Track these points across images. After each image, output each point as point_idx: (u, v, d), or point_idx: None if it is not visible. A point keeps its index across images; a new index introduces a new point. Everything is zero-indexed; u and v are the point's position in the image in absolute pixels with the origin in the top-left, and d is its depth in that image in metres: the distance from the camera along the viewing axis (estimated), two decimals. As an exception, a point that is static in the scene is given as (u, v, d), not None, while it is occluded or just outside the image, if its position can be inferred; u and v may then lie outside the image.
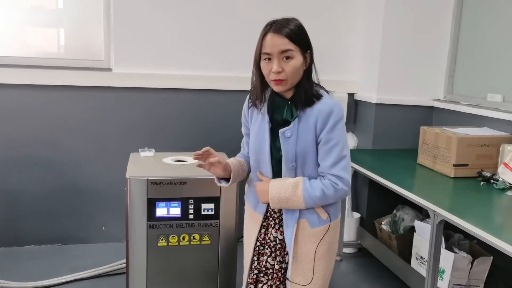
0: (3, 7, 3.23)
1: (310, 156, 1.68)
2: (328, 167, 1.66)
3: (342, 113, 1.67)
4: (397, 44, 3.38)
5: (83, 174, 3.36)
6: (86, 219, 3.43)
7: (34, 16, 3.33)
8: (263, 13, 3.38)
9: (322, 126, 1.63)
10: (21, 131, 3.22)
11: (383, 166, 3.00)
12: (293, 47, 1.58)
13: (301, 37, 1.62)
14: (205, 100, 3.45)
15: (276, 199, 1.68)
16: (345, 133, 1.69)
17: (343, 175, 1.66)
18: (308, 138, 1.66)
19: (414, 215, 3.14)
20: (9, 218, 3.30)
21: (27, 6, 3.30)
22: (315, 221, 1.74)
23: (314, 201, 1.67)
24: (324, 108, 1.64)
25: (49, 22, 3.39)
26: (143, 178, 2.29)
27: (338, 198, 1.72)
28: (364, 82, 3.56)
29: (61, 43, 3.45)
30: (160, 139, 3.37)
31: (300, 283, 1.77)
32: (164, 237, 2.35)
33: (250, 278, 1.86)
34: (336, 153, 1.65)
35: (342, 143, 1.66)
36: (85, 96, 3.27)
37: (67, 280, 2.92)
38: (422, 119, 3.47)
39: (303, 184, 1.66)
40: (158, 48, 3.31)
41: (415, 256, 2.85)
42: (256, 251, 1.85)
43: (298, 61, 1.60)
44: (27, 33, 3.35)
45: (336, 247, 1.87)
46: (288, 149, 1.67)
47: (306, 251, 1.75)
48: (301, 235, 1.74)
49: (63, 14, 3.39)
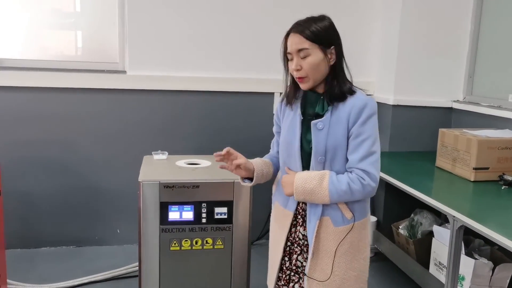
0: (22, 10, 3.26)
1: (340, 151, 1.66)
2: (356, 161, 1.63)
3: (376, 109, 1.65)
4: (414, 44, 3.31)
5: (98, 176, 3.37)
6: (101, 221, 3.44)
7: (52, 19, 3.36)
8: (275, 16, 3.38)
9: (355, 120, 1.62)
10: (38, 133, 3.25)
11: (400, 169, 2.94)
12: (308, 45, 1.61)
13: (319, 34, 1.62)
14: (219, 102, 3.44)
15: (300, 189, 1.66)
16: (377, 129, 1.66)
17: (371, 170, 1.62)
18: (339, 132, 1.64)
19: (432, 219, 3.07)
20: (26, 220, 3.33)
21: (46, 9, 3.33)
22: (339, 220, 1.70)
23: (339, 195, 1.63)
24: (357, 102, 1.63)
25: (66, 25, 3.42)
26: (155, 181, 2.27)
27: (365, 195, 1.66)
28: (381, 83, 3.50)
29: (78, 46, 3.48)
30: (174, 141, 3.37)
31: (317, 279, 1.74)
32: (176, 241, 2.33)
33: (283, 279, 1.83)
34: (365, 148, 1.62)
35: (373, 139, 1.63)
36: (100, 98, 3.28)
37: (82, 282, 2.93)
38: (440, 121, 3.39)
39: (330, 176, 1.64)
40: (172, 50, 3.31)
41: (434, 262, 2.78)
42: (287, 251, 1.81)
43: (316, 58, 1.62)
44: (46, 36, 3.38)
45: (363, 250, 1.77)
46: (318, 142, 1.66)
47: (327, 248, 1.71)
48: (323, 233, 1.71)
49: (80, 17, 3.42)
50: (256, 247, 3.56)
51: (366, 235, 1.78)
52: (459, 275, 2.48)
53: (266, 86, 3.44)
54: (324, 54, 1.64)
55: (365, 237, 1.78)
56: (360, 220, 1.73)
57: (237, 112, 3.47)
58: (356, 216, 1.72)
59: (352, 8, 3.48)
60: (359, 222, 1.73)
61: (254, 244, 3.60)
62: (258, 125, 3.50)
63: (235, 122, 3.48)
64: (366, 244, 1.79)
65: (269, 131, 3.44)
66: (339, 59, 1.68)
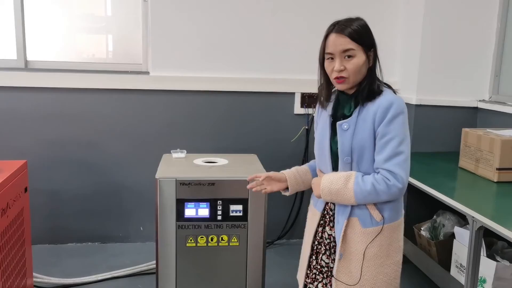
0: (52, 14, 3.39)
1: (366, 151, 1.64)
2: (381, 162, 1.60)
3: (403, 108, 1.62)
4: (438, 41, 3.24)
5: (122, 174, 3.45)
6: (124, 218, 3.52)
7: (84, 23, 3.50)
8: (296, 16, 3.38)
9: (381, 119, 1.60)
10: (65, 133, 3.35)
11: (422, 170, 2.88)
12: (354, 46, 1.62)
13: (363, 36, 1.63)
14: (239, 102, 3.47)
15: (327, 190, 1.67)
16: (405, 129, 1.62)
17: (397, 171, 1.58)
18: (366, 132, 1.63)
19: (455, 221, 3.00)
20: (54, 216, 3.45)
21: (78, 13, 3.47)
22: (367, 221, 1.67)
23: (364, 196, 1.62)
24: (384, 101, 1.61)
25: (96, 29, 3.54)
26: (172, 178, 2.32)
27: (391, 196, 1.62)
28: (403, 82, 3.44)
29: (106, 49, 3.60)
30: (195, 140, 3.42)
31: (346, 282, 1.72)
32: (192, 238, 2.36)
33: (309, 277, 1.85)
34: (391, 148, 1.59)
35: (400, 138, 1.60)
36: (124, 98, 3.37)
37: (104, 277, 3.00)
38: (465, 120, 3.31)
39: (356, 177, 1.63)
40: (193, 52, 3.36)
41: (455, 264, 2.72)
42: (314, 249, 1.83)
43: (360, 60, 1.62)
44: (77, 39, 3.52)
45: (393, 254, 1.72)
46: (343, 142, 1.66)
47: (354, 250, 1.69)
48: (351, 233, 1.69)
49: (108, 21, 3.54)
50: (276, 247, 3.57)
51: (398, 239, 1.73)
52: (481, 278, 2.42)
53: (286, 86, 3.45)
54: (366, 56, 1.64)
55: (396, 241, 1.72)
56: (391, 222, 1.69)
57: (257, 112, 3.49)
58: (386, 218, 1.68)
59: (373, 5, 3.45)
60: (389, 224, 1.69)
61: (275, 243, 3.60)
62: (278, 125, 3.51)
63: (256, 122, 3.50)
64: (397, 248, 1.73)
65: (289, 131, 3.49)
66: (375, 62, 1.68)
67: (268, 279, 2.92)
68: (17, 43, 3.26)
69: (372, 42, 1.67)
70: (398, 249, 1.75)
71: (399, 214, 1.74)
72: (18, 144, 3.30)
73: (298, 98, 3.49)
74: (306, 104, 3.49)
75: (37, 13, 3.34)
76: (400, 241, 1.75)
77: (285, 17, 3.38)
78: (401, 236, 1.76)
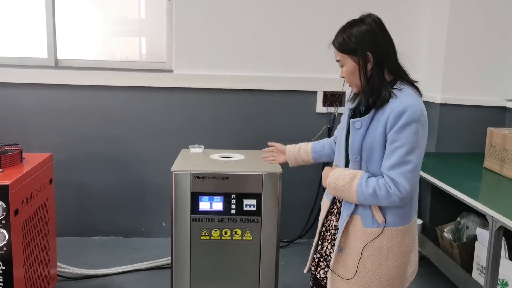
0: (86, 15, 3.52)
1: (376, 153, 1.63)
2: (387, 168, 1.60)
3: (418, 116, 1.55)
4: (464, 39, 3.16)
5: (146, 170, 3.53)
6: (148, 214, 3.60)
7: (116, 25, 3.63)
8: (322, 13, 3.37)
9: (392, 125, 1.57)
10: (92, 129, 3.46)
11: (446, 171, 2.82)
12: (340, 57, 1.67)
13: (347, 44, 1.63)
14: (262, 100, 3.48)
15: (332, 184, 1.70)
16: (417, 138, 1.56)
17: (400, 181, 1.57)
18: (377, 134, 1.61)
19: (480, 223, 2.91)
20: (80, 210, 3.56)
21: (112, 16, 3.61)
22: (369, 221, 1.67)
23: (365, 198, 1.62)
24: (398, 106, 1.57)
25: (128, 31, 3.68)
26: (187, 172, 2.35)
27: (391, 203, 1.61)
28: (429, 81, 3.37)
29: (137, 51, 3.71)
30: (217, 138, 3.46)
31: (341, 276, 1.73)
32: (206, 231, 2.39)
33: (314, 261, 1.90)
34: (398, 156, 1.56)
35: (408, 147, 1.55)
36: (148, 96, 3.45)
37: (126, 270, 3.08)
38: (493, 120, 3.21)
39: (360, 178, 1.63)
40: (216, 50, 3.40)
41: (477, 266, 2.63)
42: (321, 235, 1.89)
43: (349, 67, 1.65)
44: (112, 41, 3.66)
45: (394, 258, 1.68)
46: (354, 140, 1.67)
47: (353, 246, 1.70)
48: (352, 230, 1.71)
49: (141, 23, 3.66)
50: (296, 246, 3.56)
51: (402, 244, 1.69)
52: (502, 280, 2.35)
53: (309, 84, 3.44)
54: (356, 62, 1.63)
55: (400, 246, 1.69)
56: (394, 226, 1.67)
57: (279, 111, 3.49)
58: (388, 221, 1.66)
59: (398, 2, 3.40)
60: (392, 228, 1.67)
61: (295, 242, 3.59)
62: (300, 124, 3.51)
63: (277, 120, 3.50)
64: (400, 252, 1.69)
65: (311, 130, 3.47)
66: (378, 65, 1.62)
67: (285, 277, 2.92)
68: (48, 42, 3.40)
69: (365, 46, 1.61)
70: (402, 253, 1.70)
71: (407, 220, 1.70)
72: (48, 139, 3.43)
73: (320, 96, 3.47)
74: (328, 103, 3.47)
75: (70, 14, 3.47)
76: (403, 246, 1.70)
77: (307, 16, 3.38)
78: (407, 241, 1.71)
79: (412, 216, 1.73)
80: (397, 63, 1.68)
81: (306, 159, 2.08)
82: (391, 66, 1.66)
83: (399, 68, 1.68)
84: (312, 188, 3.53)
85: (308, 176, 3.46)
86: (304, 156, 2.07)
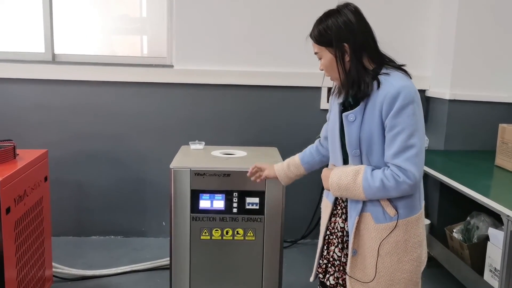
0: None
1: (376, 143, 1.55)
2: (390, 157, 1.51)
3: (413, 97, 1.49)
4: (473, 33, 3.07)
5: (145, 169, 3.44)
6: (148, 213, 3.51)
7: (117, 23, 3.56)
8: (323, 7, 3.24)
9: (387, 111, 1.49)
10: (90, 125, 3.38)
11: (456, 168, 2.73)
12: (317, 49, 1.64)
13: (323, 36, 1.61)
14: (265, 96, 3.40)
15: (335, 185, 1.59)
16: (416, 119, 1.49)
17: (407, 167, 1.48)
18: (374, 123, 1.53)
19: (491, 223, 2.81)
20: (78, 208, 3.48)
21: (114, 15, 3.55)
22: (380, 217, 1.58)
23: (373, 192, 1.53)
24: (390, 90, 1.50)
25: (129, 29, 3.60)
26: (186, 168, 2.26)
27: (401, 193, 1.53)
28: (437, 76, 3.27)
29: (138, 49, 3.65)
30: (218, 134, 3.38)
31: (360, 280, 1.63)
32: (207, 230, 2.30)
33: (321, 268, 1.79)
34: (400, 142, 1.48)
35: (409, 131, 1.48)
36: (148, 91, 3.36)
37: (124, 271, 2.99)
38: (504, 117, 3.11)
39: (364, 173, 1.54)
40: (217, 45, 3.33)
41: (489, 268, 2.53)
42: (326, 240, 1.78)
43: (326, 60, 1.61)
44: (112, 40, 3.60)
45: (411, 250, 1.61)
46: (351, 134, 1.58)
47: (369, 246, 1.61)
48: (364, 229, 1.61)
49: (142, 21, 3.61)
50: (300, 246, 3.47)
51: (416, 234, 1.62)
52: (516, 283, 2.24)
53: (312, 80, 3.34)
54: (333, 53, 1.57)
55: (415, 236, 1.61)
56: (406, 217, 1.59)
57: (282, 107, 3.41)
58: (401, 213, 1.58)
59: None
60: (404, 220, 1.58)
61: (298, 242, 3.50)
62: (303, 120, 3.42)
63: (281, 116, 3.42)
64: (416, 243, 1.62)
65: (315, 126, 3.37)
66: (355, 55, 1.56)
67: (289, 277, 2.83)
68: (45, 36, 3.32)
69: (340, 37, 1.56)
70: (418, 243, 1.62)
71: (417, 208, 1.62)
72: (45, 135, 3.34)
73: (324, 93, 3.38)
74: (333, 99, 3.38)
75: (70, 9, 3.40)
76: (419, 236, 1.63)
77: (311, 10, 3.28)
78: (420, 230, 1.64)
79: (421, 203, 1.66)
80: (378, 51, 1.61)
81: (298, 173, 1.99)
82: (372, 54, 1.59)
83: (381, 55, 1.61)
84: (316, 185, 3.43)
85: (312, 173, 3.35)
86: (295, 171, 1.98)
